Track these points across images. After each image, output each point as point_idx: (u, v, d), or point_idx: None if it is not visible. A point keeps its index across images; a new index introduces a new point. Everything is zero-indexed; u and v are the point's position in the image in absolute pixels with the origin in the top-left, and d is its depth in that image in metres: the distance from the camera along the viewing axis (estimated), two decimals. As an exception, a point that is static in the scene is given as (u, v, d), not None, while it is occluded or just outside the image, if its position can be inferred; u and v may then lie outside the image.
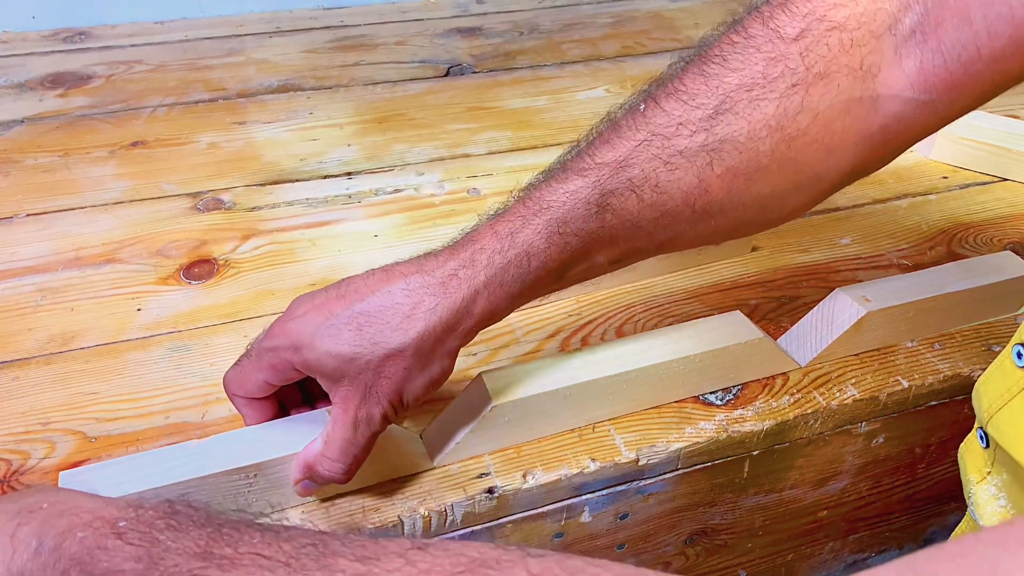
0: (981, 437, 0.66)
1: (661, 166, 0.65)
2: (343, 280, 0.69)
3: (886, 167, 0.72)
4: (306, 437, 0.70)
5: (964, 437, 0.70)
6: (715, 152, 0.65)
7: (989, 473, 0.65)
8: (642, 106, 0.67)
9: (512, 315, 0.88)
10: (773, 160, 0.65)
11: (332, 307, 0.67)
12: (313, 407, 0.75)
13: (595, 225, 0.67)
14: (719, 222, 0.69)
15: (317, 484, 0.71)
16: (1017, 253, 0.94)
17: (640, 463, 0.79)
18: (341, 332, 0.65)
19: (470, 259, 0.67)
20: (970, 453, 0.68)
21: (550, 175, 0.68)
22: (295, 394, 0.76)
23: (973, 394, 0.66)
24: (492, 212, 0.69)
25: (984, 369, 0.87)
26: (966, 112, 0.67)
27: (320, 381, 0.68)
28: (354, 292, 0.67)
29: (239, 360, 0.71)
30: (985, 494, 0.65)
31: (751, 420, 0.82)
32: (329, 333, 0.66)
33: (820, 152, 0.66)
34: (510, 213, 0.68)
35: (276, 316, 0.91)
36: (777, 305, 0.97)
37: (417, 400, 0.69)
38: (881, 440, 0.91)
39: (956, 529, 0.77)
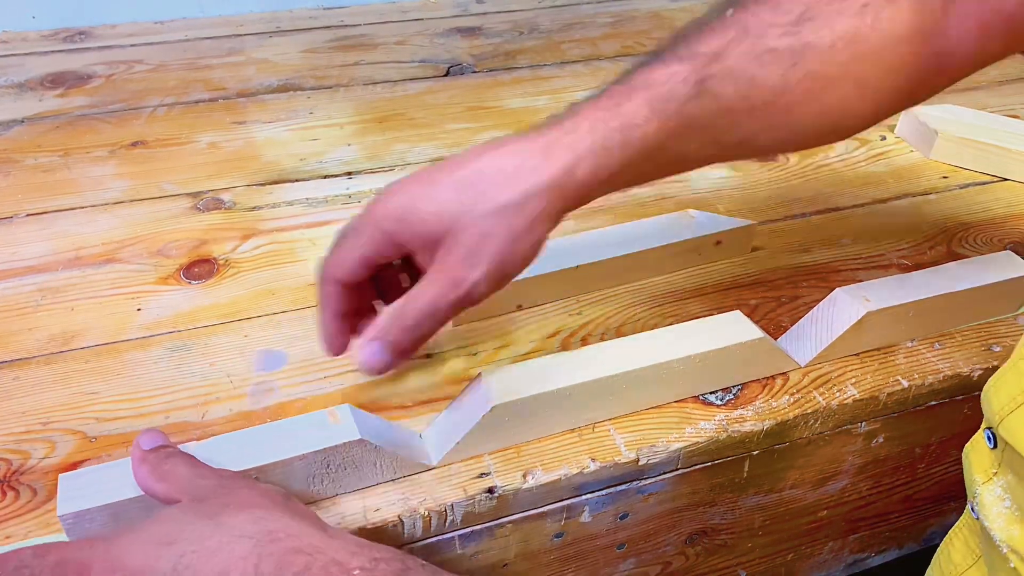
0: (989, 438, 0.66)
1: (753, 60, 0.68)
2: (440, 162, 0.70)
3: (887, 167, 0.73)
4: (307, 438, 0.70)
5: (964, 437, 0.70)
6: (799, 55, 0.68)
7: (995, 474, 0.66)
8: (729, 11, 0.70)
9: (512, 314, 0.88)
10: (847, 71, 0.69)
11: (432, 175, 0.68)
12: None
13: (694, 107, 0.68)
14: (795, 126, 0.72)
15: (383, 352, 0.71)
16: (1017, 253, 0.94)
17: (640, 463, 0.79)
18: (444, 193, 0.67)
19: (573, 127, 0.68)
20: (976, 453, 0.68)
21: (645, 63, 0.71)
22: (371, 293, 0.78)
23: (983, 395, 0.66)
24: (589, 95, 0.71)
25: (984, 369, 0.87)
26: (994, 61, 0.74)
27: (418, 251, 0.70)
28: (454, 162, 0.69)
29: (334, 245, 0.72)
30: (991, 495, 0.66)
31: (751, 420, 0.82)
32: (431, 195, 0.67)
33: (883, 70, 0.70)
34: (610, 92, 0.70)
35: (276, 315, 0.92)
36: (777, 305, 0.97)
37: (515, 270, 0.70)
38: (881, 440, 0.91)
39: (954, 527, 0.77)
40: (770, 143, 0.75)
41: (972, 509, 0.69)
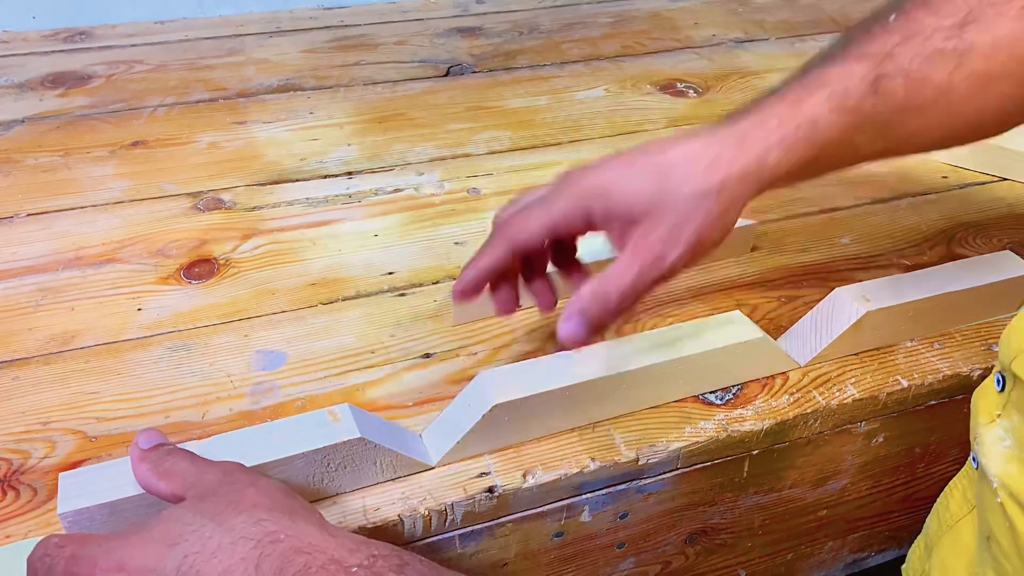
0: (998, 381, 0.68)
1: (922, 61, 0.72)
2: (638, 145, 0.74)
3: (887, 166, 0.75)
4: (307, 437, 0.70)
5: (964, 436, 0.70)
6: (963, 56, 0.72)
7: (999, 416, 0.67)
8: (892, 16, 0.75)
9: (512, 315, 0.88)
10: (1007, 70, 0.73)
11: (632, 159, 0.72)
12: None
13: (869, 104, 0.72)
14: (956, 123, 0.76)
15: (584, 326, 0.72)
16: (1017, 253, 0.94)
17: (640, 462, 0.79)
18: (648, 176, 0.71)
19: (761, 121, 0.72)
20: (983, 398, 0.70)
21: (821, 62, 0.75)
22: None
23: (1002, 338, 0.68)
24: (767, 92, 0.75)
25: (984, 369, 0.88)
26: None
27: (615, 226, 0.73)
28: (654, 148, 0.72)
29: (520, 206, 0.76)
30: (991, 436, 0.67)
31: (751, 420, 0.82)
32: (637, 176, 0.71)
33: None
34: (790, 89, 0.74)
35: (276, 315, 0.92)
36: (777, 305, 0.97)
37: (708, 251, 0.73)
38: (881, 440, 0.91)
39: (953, 479, 0.79)
40: (932, 140, 0.79)
41: (973, 458, 0.70)
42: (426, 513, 0.73)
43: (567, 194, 0.73)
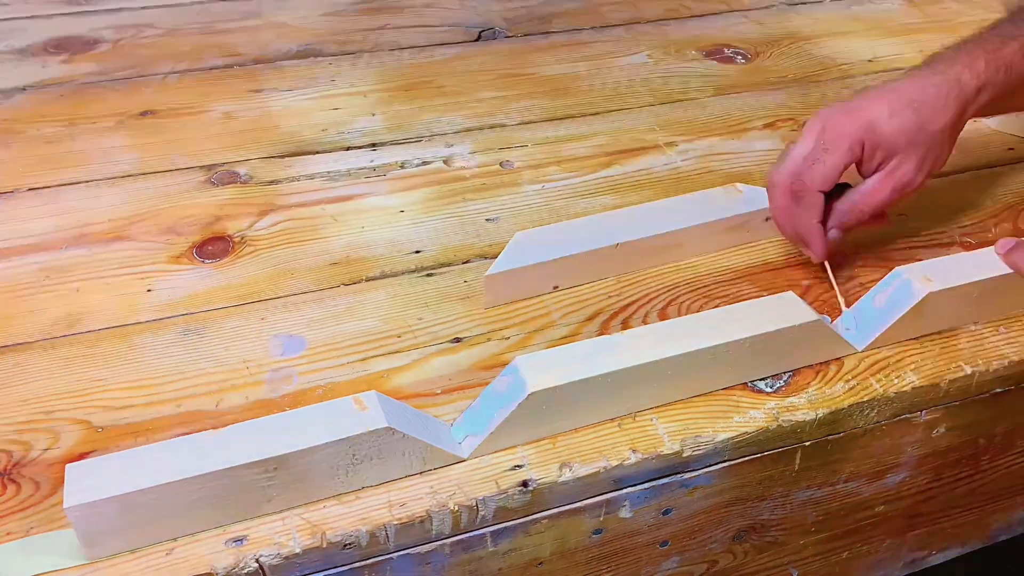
0: None
1: None
2: (863, 89, 0.95)
3: None
4: (332, 426, 0.70)
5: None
6: None
7: None
8: None
9: (547, 296, 0.88)
10: None
11: (887, 98, 0.90)
12: None
13: None
14: None
15: (840, 233, 0.93)
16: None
17: (684, 454, 0.78)
18: (905, 112, 0.89)
19: (971, 63, 0.92)
20: None
21: (1009, 21, 0.97)
22: None
23: None
24: (966, 39, 0.96)
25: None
26: None
27: (877, 155, 0.90)
28: (899, 88, 0.91)
29: (800, 162, 0.89)
30: None
31: (803, 408, 0.81)
32: (896, 113, 0.89)
33: None
34: (987, 38, 0.94)
35: (295, 297, 0.92)
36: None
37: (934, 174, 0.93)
38: (942, 430, 0.90)
39: None
40: None
41: None
42: (455, 509, 0.73)
43: (842, 143, 0.87)
